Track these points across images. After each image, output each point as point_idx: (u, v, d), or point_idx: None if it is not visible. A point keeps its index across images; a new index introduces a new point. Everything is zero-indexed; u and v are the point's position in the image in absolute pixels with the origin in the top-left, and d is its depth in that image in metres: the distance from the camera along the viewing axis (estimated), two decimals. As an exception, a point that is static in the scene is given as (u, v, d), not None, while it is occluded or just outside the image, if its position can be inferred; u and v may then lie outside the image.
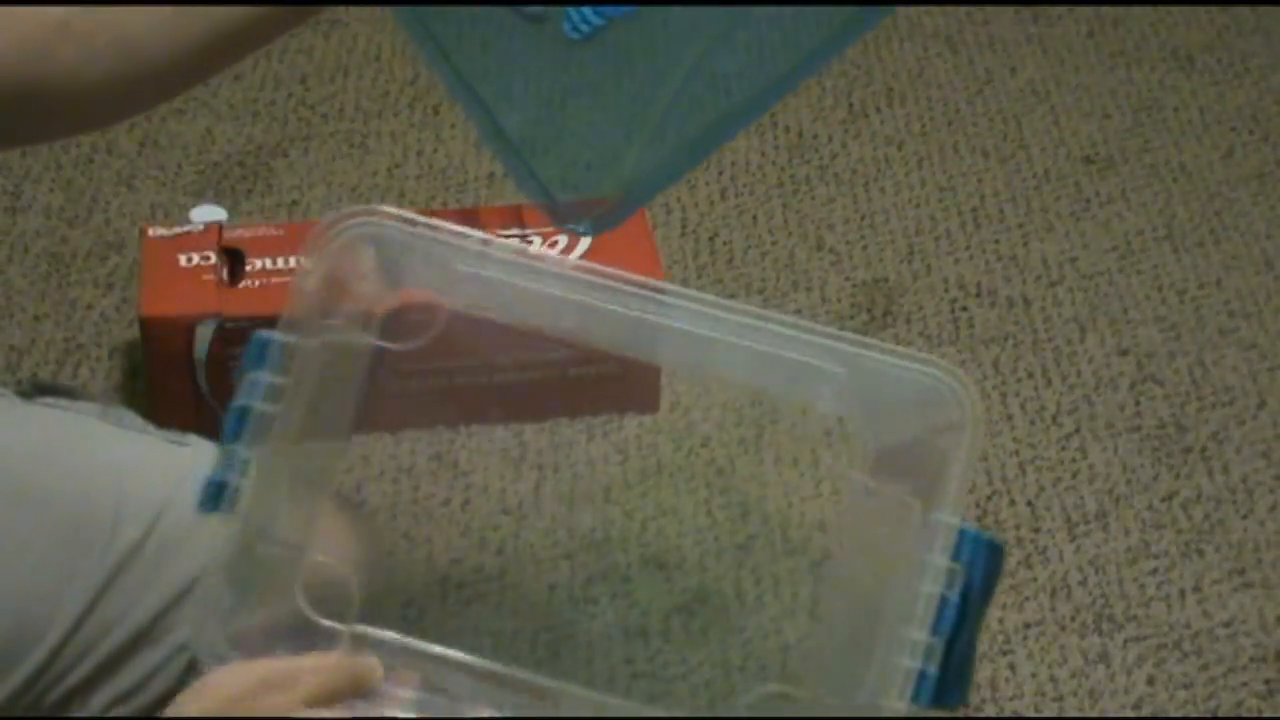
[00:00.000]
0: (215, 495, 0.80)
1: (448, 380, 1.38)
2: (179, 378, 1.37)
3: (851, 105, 1.80)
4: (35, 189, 1.65)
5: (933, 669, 0.80)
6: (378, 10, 1.89)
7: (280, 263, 1.41)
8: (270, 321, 1.32)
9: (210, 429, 1.38)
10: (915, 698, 0.81)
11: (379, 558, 1.25)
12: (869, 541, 0.94)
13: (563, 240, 1.39)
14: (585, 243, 1.39)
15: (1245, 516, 1.40)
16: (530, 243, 1.39)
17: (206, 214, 1.40)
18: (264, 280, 1.39)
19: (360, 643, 0.82)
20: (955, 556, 0.81)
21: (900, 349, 0.84)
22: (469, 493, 1.38)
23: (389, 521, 1.36)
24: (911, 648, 0.80)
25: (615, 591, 1.32)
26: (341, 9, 1.89)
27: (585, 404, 1.42)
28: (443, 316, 0.90)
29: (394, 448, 1.42)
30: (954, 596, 0.81)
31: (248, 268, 1.40)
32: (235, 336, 1.36)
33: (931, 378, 0.83)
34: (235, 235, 1.43)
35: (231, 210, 1.62)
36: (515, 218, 1.44)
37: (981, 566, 0.81)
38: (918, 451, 0.86)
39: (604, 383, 1.43)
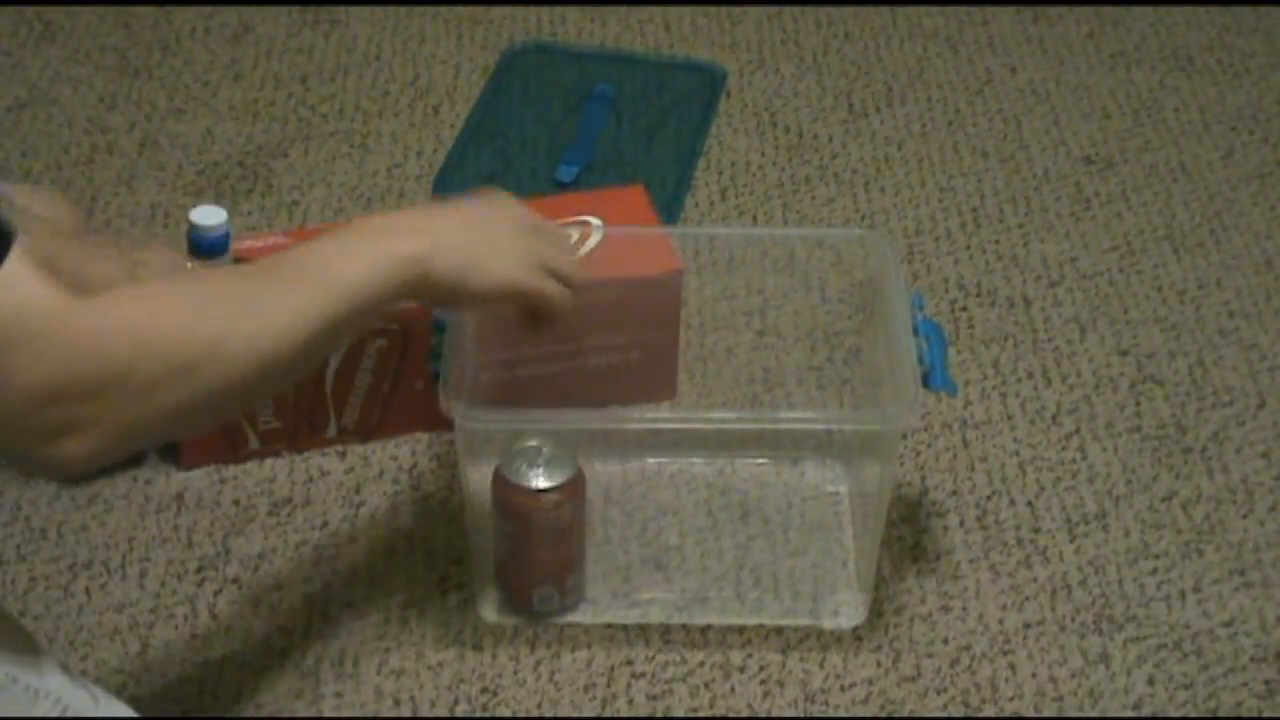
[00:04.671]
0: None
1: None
2: None
3: (851, 105, 1.80)
4: (35, 189, 1.65)
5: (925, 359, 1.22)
6: (378, 10, 1.90)
7: None
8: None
9: (236, 442, 1.39)
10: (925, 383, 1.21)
11: None
12: None
13: (573, 235, 1.38)
14: (596, 237, 1.38)
15: (1245, 516, 1.40)
16: None
17: (206, 214, 1.38)
18: None
19: None
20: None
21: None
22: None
23: (389, 521, 1.37)
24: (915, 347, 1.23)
25: (615, 591, 1.33)
26: (341, 8, 1.89)
27: (605, 393, 1.41)
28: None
29: (394, 448, 1.42)
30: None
31: None
32: None
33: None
34: (244, 246, 1.39)
35: (231, 210, 1.61)
36: None
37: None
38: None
39: (625, 372, 1.42)
